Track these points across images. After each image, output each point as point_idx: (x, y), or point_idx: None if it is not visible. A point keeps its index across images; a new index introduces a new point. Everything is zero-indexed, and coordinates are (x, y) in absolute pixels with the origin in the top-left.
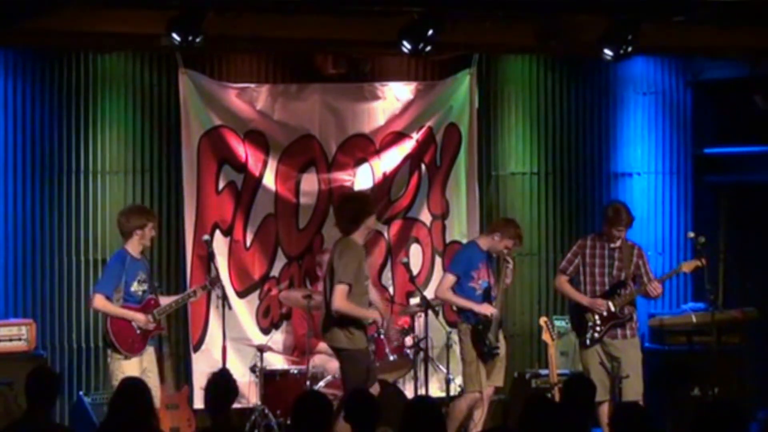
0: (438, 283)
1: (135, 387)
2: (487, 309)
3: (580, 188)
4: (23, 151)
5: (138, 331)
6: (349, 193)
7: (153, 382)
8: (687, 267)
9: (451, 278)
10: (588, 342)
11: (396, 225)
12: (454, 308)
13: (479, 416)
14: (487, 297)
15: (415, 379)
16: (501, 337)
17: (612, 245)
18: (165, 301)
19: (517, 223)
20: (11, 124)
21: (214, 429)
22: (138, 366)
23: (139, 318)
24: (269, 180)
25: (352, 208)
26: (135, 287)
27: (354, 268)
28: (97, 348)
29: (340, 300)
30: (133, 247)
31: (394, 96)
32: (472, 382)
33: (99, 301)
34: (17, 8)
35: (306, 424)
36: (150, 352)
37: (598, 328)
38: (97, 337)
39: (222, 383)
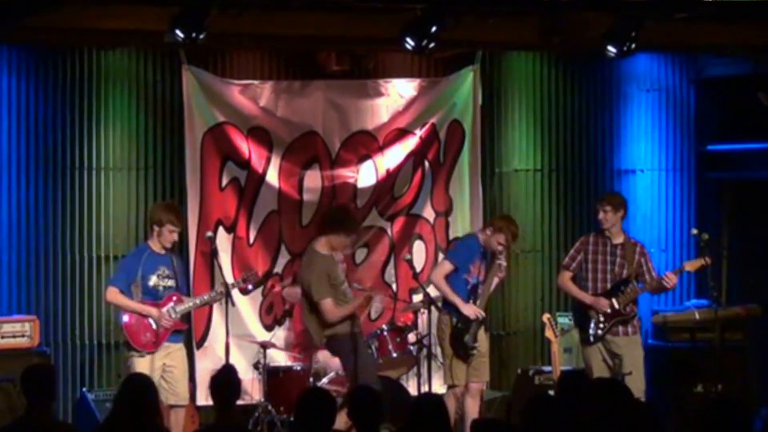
0: (435, 268)
1: (140, 383)
2: (471, 310)
3: (583, 185)
4: (27, 148)
5: (154, 327)
6: (339, 207)
7: (176, 377)
8: (690, 266)
9: (448, 266)
10: (591, 339)
11: (399, 222)
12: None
13: (454, 411)
14: (472, 295)
15: (418, 375)
16: (482, 334)
17: (615, 242)
18: (188, 299)
19: (512, 220)
20: (15, 121)
21: (218, 425)
22: (153, 363)
23: (152, 313)
24: (272, 177)
25: (331, 217)
26: (154, 282)
27: (325, 282)
28: (100, 345)
29: (331, 312)
30: (154, 242)
31: (398, 93)
32: (449, 376)
33: (110, 294)
34: (20, 5)
35: (309, 421)
36: (175, 348)
37: (601, 325)
38: (101, 333)
39: (226, 379)
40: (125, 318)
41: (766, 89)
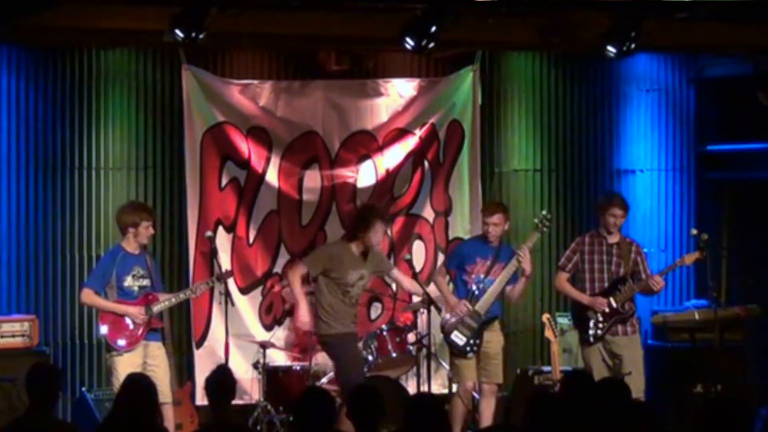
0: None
1: (140, 383)
2: (457, 307)
3: (583, 185)
4: (26, 148)
5: (131, 326)
6: (364, 204)
7: (158, 376)
8: (688, 259)
9: (442, 269)
10: (591, 339)
11: (399, 222)
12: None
13: (462, 411)
14: (472, 293)
15: (418, 375)
16: (493, 335)
17: (611, 241)
18: (164, 296)
19: (491, 203)
20: (14, 121)
21: (215, 425)
22: (133, 361)
23: (129, 312)
24: (272, 176)
25: (357, 216)
26: (129, 282)
27: (319, 258)
28: (99, 344)
29: (291, 275)
30: (128, 243)
31: (397, 93)
32: (454, 374)
33: (86, 296)
34: (20, 5)
35: (309, 421)
36: (155, 347)
37: (600, 325)
38: (99, 333)
39: (220, 379)
40: (103, 330)
41: (766, 89)
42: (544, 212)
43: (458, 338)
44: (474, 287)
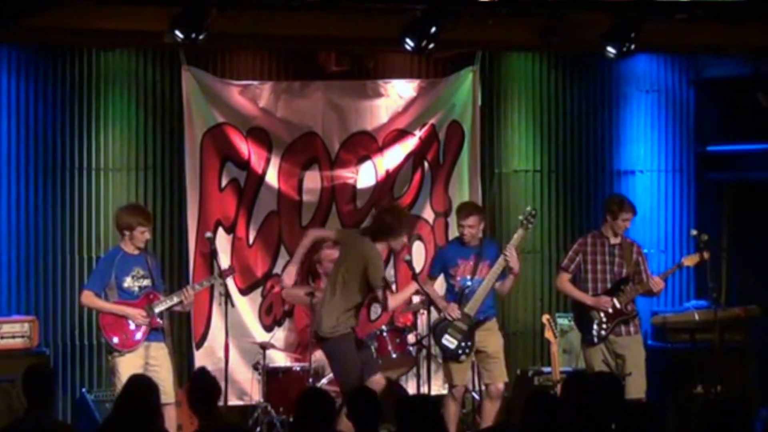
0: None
1: (142, 385)
2: (450, 310)
3: (582, 186)
4: (26, 149)
5: (132, 326)
6: (394, 206)
7: (161, 376)
8: (689, 261)
9: (426, 279)
10: (596, 340)
11: None
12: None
13: (453, 412)
14: (460, 296)
15: (418, 376)
16: (489, 335)
17: (612, 242)
18: (165, 297)
19: (464, 204)
20: (14, 121)
21: (205, 429)
22: (135, 361)
23: (129, 313)
24: (272, 177)
25: (389, 221)
26: (129, 283)
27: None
28: (99, 345)
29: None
30: (126, 244)
31: (397, 93)
32: (445, 376)
33: (85, 298)
34: (20, 5)
35: (309, 422)
36: (157, 347)
37: (604, 326)
38: (100, 334)
39: (203, 383)
40: (115, 340)
41: (765, 90)
42: (528, 208)
43: (449, 342)
44: (460, 289)
